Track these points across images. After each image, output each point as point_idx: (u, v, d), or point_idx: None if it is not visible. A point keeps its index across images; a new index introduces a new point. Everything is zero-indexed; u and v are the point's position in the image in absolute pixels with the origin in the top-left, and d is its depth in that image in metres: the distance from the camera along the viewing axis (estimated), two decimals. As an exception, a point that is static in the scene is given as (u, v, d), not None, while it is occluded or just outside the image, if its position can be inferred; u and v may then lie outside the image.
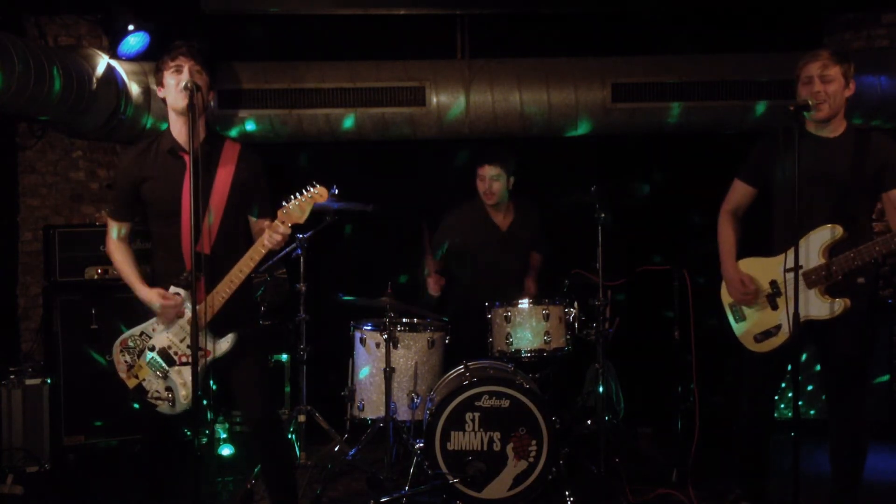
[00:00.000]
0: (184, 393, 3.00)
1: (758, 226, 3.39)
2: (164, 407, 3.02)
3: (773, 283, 3.22)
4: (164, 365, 3.02)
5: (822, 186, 3.10)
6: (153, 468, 3.17)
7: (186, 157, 2.97)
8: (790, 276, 3.01)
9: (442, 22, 5.09)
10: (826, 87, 3.09)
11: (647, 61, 4.96)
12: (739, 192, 3.41)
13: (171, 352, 3.02)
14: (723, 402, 4.74)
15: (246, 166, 3.08)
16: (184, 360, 3.00)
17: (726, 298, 3.39)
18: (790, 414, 4.60)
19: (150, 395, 3.03)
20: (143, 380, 3.04)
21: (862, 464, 3.20)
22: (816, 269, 3.08)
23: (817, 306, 3.10)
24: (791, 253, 2.94)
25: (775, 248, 3.25)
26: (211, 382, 3.14)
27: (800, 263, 2.96)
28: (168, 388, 3.01)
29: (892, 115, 4.88)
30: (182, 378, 3.00)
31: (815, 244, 3.09)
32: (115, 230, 3.10)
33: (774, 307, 3.22)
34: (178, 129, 3.02)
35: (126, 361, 3.05)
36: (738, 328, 3.34)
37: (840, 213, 3.10)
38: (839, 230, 3.07)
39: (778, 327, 3.20)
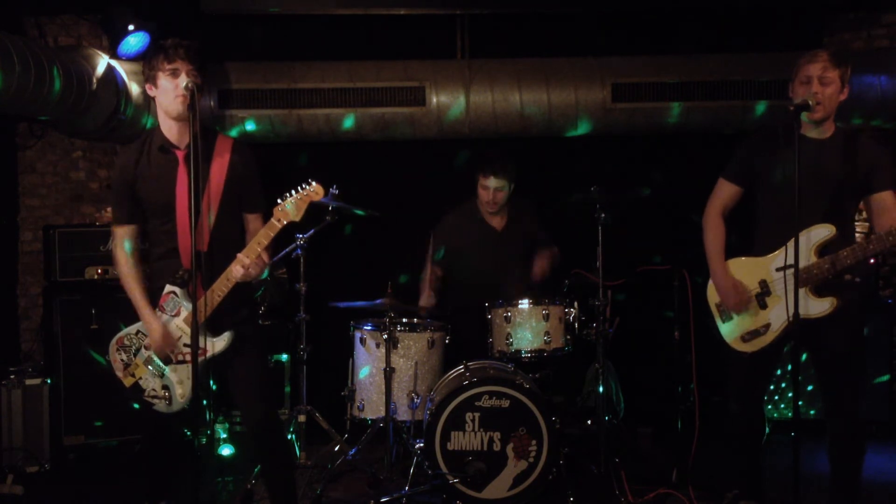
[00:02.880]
0: (180, 391, 2.98)
1: (737, 225, 3.39)
2: (160, 405, 3.01)
3: (763, 283, 3.21)
4: (160, 363, 3.01)
5: (817, 186, 3.09)
6: (153, 468, 3.17)
7: (178, 153, 2.96)
8: (785, 273, 2.99)
9: (442, 22, 5.09)
10: (824, 89, 3.08)
11: (647, 61, 4.96)
12: (726, 192, 3.37)
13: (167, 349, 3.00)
14: (723, 402, 4.73)
15: (239, 159, 3.04)
16: (180, 358, 2.98)
17: (713, 298, 3.35)
18: (790, 414, 4.61)
19: (146, 394, 3.01)
20: (140, 378, 3.02)
21: (861, 463, 3.19)
22: (808, 268, 3.07)
23: (810, 305, 3.09)
24: (787, 249, 2.94)
25: (762, 246, 3.24)
26: (210, 382, 3.13)
27: (791, 262, 2.94)
28: (165, 387, 3.00)
29: (892, 115, 4.87)
30: (178, 376, 2.99)
31: (809, 243, 3.08)
32: (120, 239, 3.01)
33: (763, 306, 3.21)
34: (168, 125, 2.99)
35: (122, 360, 3.04)
36: (724, 328, 3.31)
37: (833, 212, 3.10)
38: (833, 229, 3.07)
39: (767, 326, 3.19)
